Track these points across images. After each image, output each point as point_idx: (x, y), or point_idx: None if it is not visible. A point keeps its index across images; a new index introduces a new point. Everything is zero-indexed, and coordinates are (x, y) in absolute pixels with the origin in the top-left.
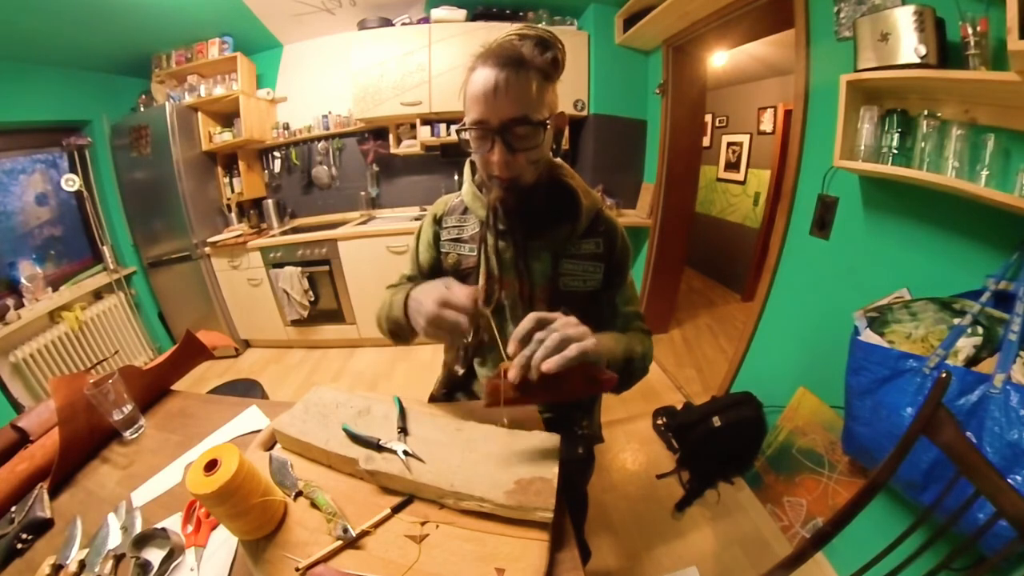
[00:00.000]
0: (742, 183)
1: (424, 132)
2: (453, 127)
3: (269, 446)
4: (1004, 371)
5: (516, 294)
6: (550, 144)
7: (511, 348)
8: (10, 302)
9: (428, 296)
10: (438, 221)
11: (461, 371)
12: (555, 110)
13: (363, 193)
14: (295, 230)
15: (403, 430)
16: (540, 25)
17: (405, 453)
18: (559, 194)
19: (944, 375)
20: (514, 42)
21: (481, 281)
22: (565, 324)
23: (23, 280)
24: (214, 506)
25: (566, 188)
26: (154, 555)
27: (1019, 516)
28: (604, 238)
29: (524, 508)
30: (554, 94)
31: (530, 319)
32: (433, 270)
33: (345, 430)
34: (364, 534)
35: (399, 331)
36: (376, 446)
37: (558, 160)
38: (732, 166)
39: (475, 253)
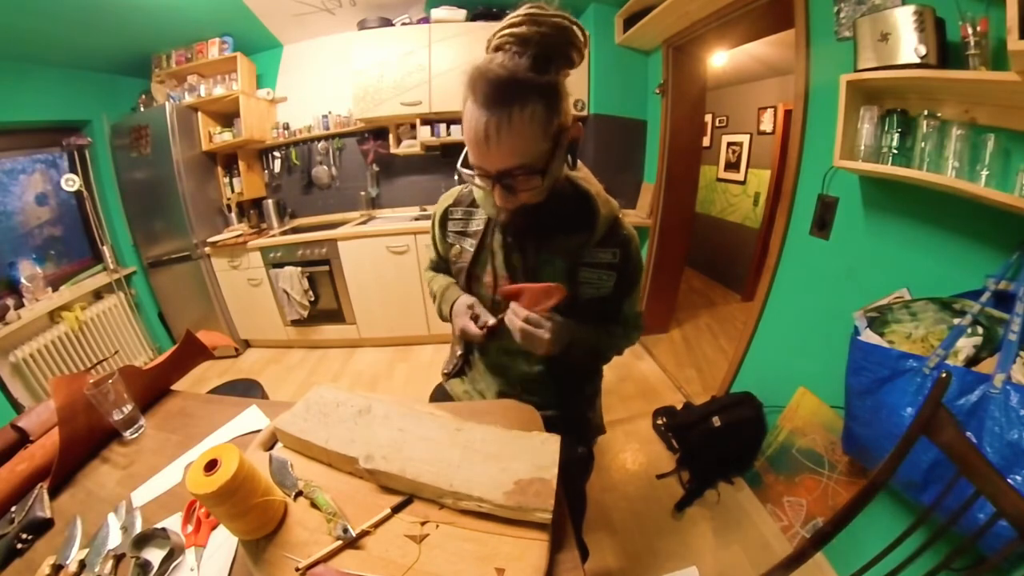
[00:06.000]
0: (742, 183)
1: (424, 132)
2: (454, 127)
3: (269, 446)
4: (1004, 371)
5: None
6: (563, 162)
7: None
8: (10, 302)
9: (457, 319)
10: (446, 211)
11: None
12: (567, 125)
13: (363, 193)
14: (295, 230)
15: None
16: (552, 5)
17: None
18: (575, 201)
19: (944, 375)
20: (505, 63)
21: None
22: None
23: (23, 280)
24: (214, 506)
25: (583, 195)
26: (154, 555)
27: (1019, 516)
28: (621, 248)
29: (523, 509)
30: (561, 111)
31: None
32: (446, 257)
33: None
34: (364, 534)
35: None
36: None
37: (578, 163)
38: (732, 166)
39: (474, 250)
